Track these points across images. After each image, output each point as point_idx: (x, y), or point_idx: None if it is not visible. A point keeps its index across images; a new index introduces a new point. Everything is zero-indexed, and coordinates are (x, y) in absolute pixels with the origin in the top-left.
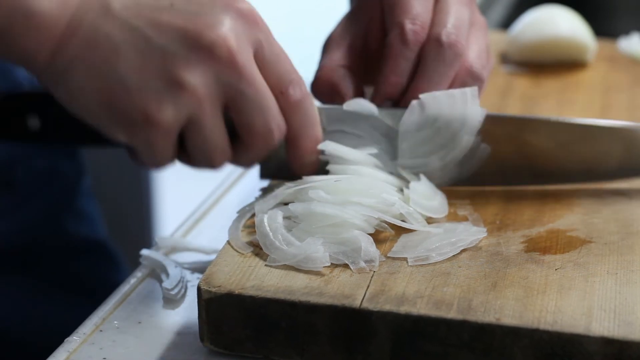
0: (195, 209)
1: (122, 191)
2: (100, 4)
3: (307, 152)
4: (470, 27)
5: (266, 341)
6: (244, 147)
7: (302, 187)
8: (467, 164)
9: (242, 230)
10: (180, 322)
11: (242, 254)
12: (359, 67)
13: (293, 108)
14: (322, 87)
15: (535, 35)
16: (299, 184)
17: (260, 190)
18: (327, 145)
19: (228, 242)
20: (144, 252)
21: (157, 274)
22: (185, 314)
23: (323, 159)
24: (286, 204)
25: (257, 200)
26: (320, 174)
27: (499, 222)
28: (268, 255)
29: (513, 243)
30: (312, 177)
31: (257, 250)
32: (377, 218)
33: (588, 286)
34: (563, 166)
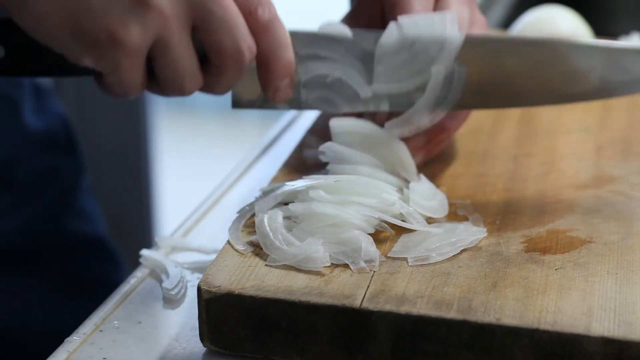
0: (195, 209)
1: (122, 191)
2: None
3: (279, 75)
4: (470, 27)
5: (266, 341)
6: (215, 70)
7: (302, 187)
8: (446, 88)
9: (242, 230)
10: (180, 322)
11: (242, 254)
12: None
13: (262, 29)
14: None
15: (535, 35)
16: (299, 184)
17: (260, 190)
18: (327, 146)
19: (228, 242)
20: (144, 252)
21: (157, 274)
22: (185, 314)
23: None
24: (286, 203)
25: (257, 200)
26: (320, 174)
27: (499, 222)
28: (268, 255)
29: (513, 243)
30: (312, 177)
31: (257, 250)
32: (377, 218)
33: (588, 286)
34: (540, 86)
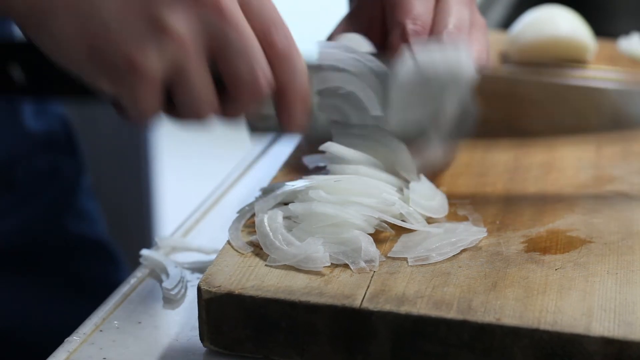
0: (195, 209)
1: (122, 191)
2: None
3: (295, 102)
4: (470, 28)
5: (266, 341)
6: (230, 97)
7: (302, 187)
8: (460, 122)
9: (242, 230)
10: (180, 322)
11: (242, 254)
12: None
13: (279, 57)
14: None
15: (535, 35)
16: (299, 184)
17: (260, 190)
18: (327, 146)
19: (228, 242)
20: (144, 252)
21: (157, 274)
22: (185, 314)
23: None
24: (286, 203)
25: (257, 200)
26: (320, 174)
27: (499, 222)
28: (268, 255)
29: (513, 243)
30: (312, 177)
31: (257, 250)
32: (377, 218)
33: (588, 286)
34: (552, 120)
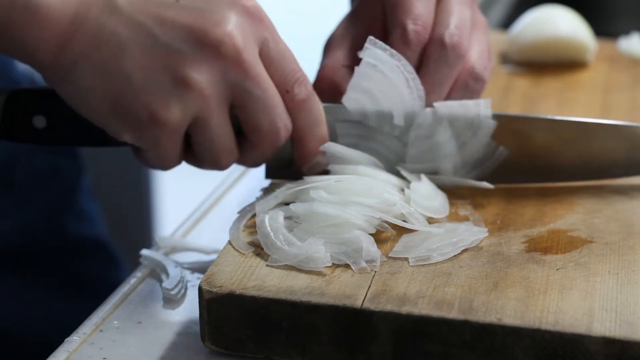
0: (195, 209)
1: (122, 191)
2: None
3: (313, 151)
4: (471, 28)
5: (267, 341)
6: (250, 146)
7: (303, 187)
8: (482, 167)
9: (243, 231)
10: (180, 322)
11: (243, 254)
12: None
13: (298, 107)
14: (324, 87)
15: (535, 35)
16: (300, 184)
17: (261, 190)
18: (327, 146)
19: (229, 242)
20: (144, 252)
21: (157, 274)
22: (185, 314)
23: (323, 161)
24: (287, 204)
25: (258, 200)
26: (321, 174)
27: (500, 222)
28: (269, 255)
29: (514, 243)
30: (313, 177)
31: (258, 250)
32: (378, 218)
33: (589, 286)
34: (563, 163)
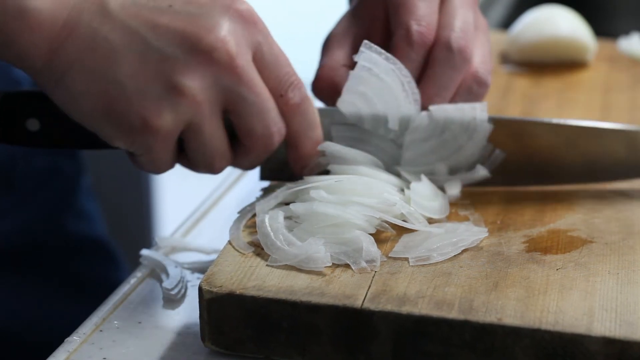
0: (195, 209)
1: (122, 191)
2: (97, 3)
3: (307, 154)
4: (475, 31)
5: (267, 341)
6: (244, 150)
7: (303, 187)
8: (475, 169)
9: (243, 231)
10: (180, 322)
11: (244, 254)
12: None
13: (293, 111)
14: (323, 87)
15: (535, 35)
16: (300, 184)
17: (261, 190)
18: (327, 146)
19: (229, 242)
20: (144, 252)
21: (157, 274)
22: (185, 314)
23: (323, 162)
24: (287, 204)
25: (258, 200)
26: (321, 174)
27: (500, 222)
28: (269, 255)
29: (514, 243)
30: (313, 177)
31: (259, 250)
32: (378, 218)
33: (589, 286)
34: (564, 166)
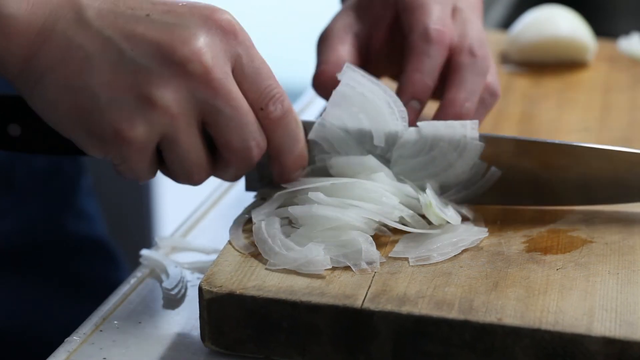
0: (195, 209)
1: (122, 191)
2: (74, 11)
3: (290, 168)
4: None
5: (267, 341)
6: (223, 162)
7: (301, 188)
8: (473, 187)
9: (244, 231)
10: (180, 322)
11: (244, 254)
12: (360, 66)
13: (274, 124)
14: (326, 82)
15: (535, 35)
16: (297, 184)
17: (254, 197)
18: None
19: (229, 242)
20: (144, 252)
21: (157, 274)
22: (185, 314)
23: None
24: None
25: (253, 204)
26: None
27: (500, 222)
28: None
29: (514, 243)
30: (310, 179)
31: (259, 250)
32: (377, 221)
33: (589, 286)
34: (557, 188)
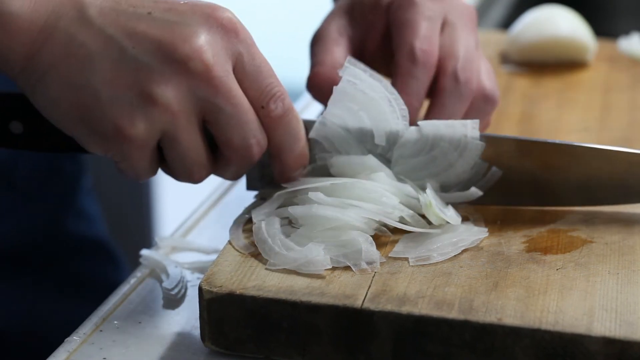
0: (195, 209)
1: (122, 191)
2: (76, 9)
3: (291, 167)
4: (476, 51)
5: (267, 341)
6: (224, 160)
7: (301, 188)
8: (474, 187)
9: (244, 231)
10: (180, 322)
11: (244, 254)
12: None
13: (275, 123)
14: (322, 84)
15: (535, 35)
16: (297, 184)
17: (254, 197)
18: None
19: (229, 242)
20: (144, 252)
21: (157, 274)
22: (185, 314)
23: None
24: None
25: (253, 205)
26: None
27: (500, 222)
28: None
29: (514, 243)
30: (310, 179)
31: (259, 250)
32: (377, 221)
33: (589, 286)
34: (563, 187)
